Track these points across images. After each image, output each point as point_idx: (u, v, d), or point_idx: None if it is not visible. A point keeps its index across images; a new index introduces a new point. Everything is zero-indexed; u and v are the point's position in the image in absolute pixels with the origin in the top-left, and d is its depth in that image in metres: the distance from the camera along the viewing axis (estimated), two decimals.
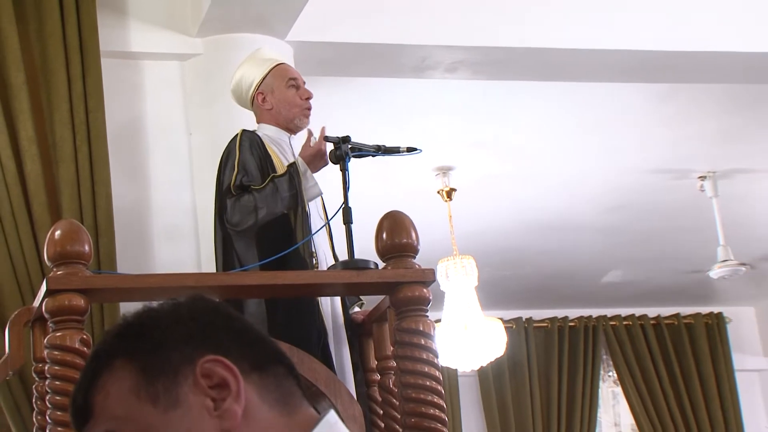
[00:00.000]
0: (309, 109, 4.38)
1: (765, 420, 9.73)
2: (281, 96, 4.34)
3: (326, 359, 4.03)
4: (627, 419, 9.50)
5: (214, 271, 4.48)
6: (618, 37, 5.56)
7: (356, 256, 3.86)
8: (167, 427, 1.24)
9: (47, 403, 3.50)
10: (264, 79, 4.34)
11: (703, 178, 7.60)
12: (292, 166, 4.08)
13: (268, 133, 4.30)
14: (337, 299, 4.22)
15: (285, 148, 4.30)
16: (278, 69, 4.39)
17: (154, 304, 1.33)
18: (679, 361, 9.51)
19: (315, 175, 4.16)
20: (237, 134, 4.24)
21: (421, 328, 3.64)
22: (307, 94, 4.38)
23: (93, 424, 1.28)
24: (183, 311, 1.31)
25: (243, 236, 4.08)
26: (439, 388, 3.64)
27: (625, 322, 9.53)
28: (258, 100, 4.34)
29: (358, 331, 4.21)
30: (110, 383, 1.28)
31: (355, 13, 5.28)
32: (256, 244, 4.08)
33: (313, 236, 4.11)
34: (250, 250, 4.08)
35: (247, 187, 4.08)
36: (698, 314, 9.67)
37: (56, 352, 3.40)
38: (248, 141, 4.19)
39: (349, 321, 4.22)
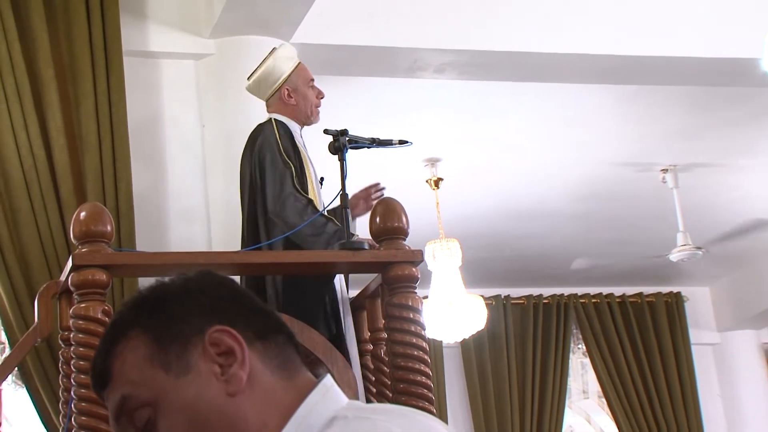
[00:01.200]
0: (319, 107, 4.39)
1: (717, 388, 9.74)
2: (303, 94, 4.33)
3: (338, 327, 4.03)
4: (594, 387, 9.51)
5: (225, 249, 4.48)
6: (590, 43, 5.57)
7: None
8: (178, 391, 1.24)
9: (72, 367, 3.51)
10: (290, 76, 4.32)
11: (665, 171, 7.60)
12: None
13: (285, 122, 4.29)
14: (343, 276, 4.22)
15: (297, 138, 4.28)
16: (300, 68, 4.37)
17: (167, 279, 1.33)
18: (641, 336, 9.51)
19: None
20: (269, 122, 4.21)
21: (410, 304, 3.65)
22: (321, 95, 4.39)
23: (111, 387, 1.28)
24: (193, 286, 1.30)
25: (282, 229, 4.03)
26: (426, 357, 3.65)
27: (593, 300, 9.53)
28: (284, 94, 4.30)
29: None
30: (127, 351, 1.27)
31: (353, 18, 5.28)
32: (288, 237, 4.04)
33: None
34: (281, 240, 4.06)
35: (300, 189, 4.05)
36: (659, 293, 9.68)
37: (80, 322, 3.41)
38: (282, 130, 4.17)
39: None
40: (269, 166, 4.07)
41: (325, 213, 4.03)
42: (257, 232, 4.09)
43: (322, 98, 4.39)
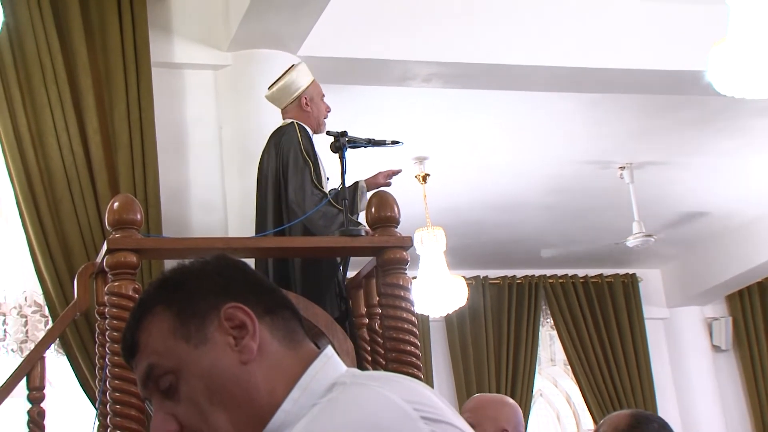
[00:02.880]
0: (326, 119, 4.43)
1: (667, 357, 9.77)
2: (317, 104, 4.37)
3: (344, 303, 4.03)
4: (560, 356, 9.52)
5: (239, 235, 4.48)
6: (557, 56, 5.58)
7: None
8: (197, 360, 1.24)
9: (106, 337, 3.51)
10: (307, 88, 4.34)
11: (622, 168, 7.61)
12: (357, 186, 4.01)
13: (304, 126, 4.28)
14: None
15: (314, 140, 4.29)
16: (315, 83, 4.42)
17: (188, 261, 1.32)
18: (601, 311, 9.54)
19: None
20: (292, 124, 4.20)
21: (401, 283, 3.65)
22: (329, 109, 4.45)
23: (139, 357, 1.28)
24: (210, 268, 1.30)
25: (299, 215, 4.02)
26: (415, 329, 3.65)
27: (560, 281, 9.55)
28: (302, 103, 4.32)
29: None
30: (152, 325, 1.27)
31: (351, 34, 5.28)
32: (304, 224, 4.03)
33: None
34: (299, 229, 4.05)
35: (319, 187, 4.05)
36: (617, 275, 9.70)
37: (114, 298, 3.41)
38: (303, 132, 4.18)
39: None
40: (292, 163, 4.09)
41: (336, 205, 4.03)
42: (281, 217, 4.10)
43: (329, 112, 4.43)
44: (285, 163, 4.10)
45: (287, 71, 4.39)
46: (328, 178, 4.32)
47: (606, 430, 2.38)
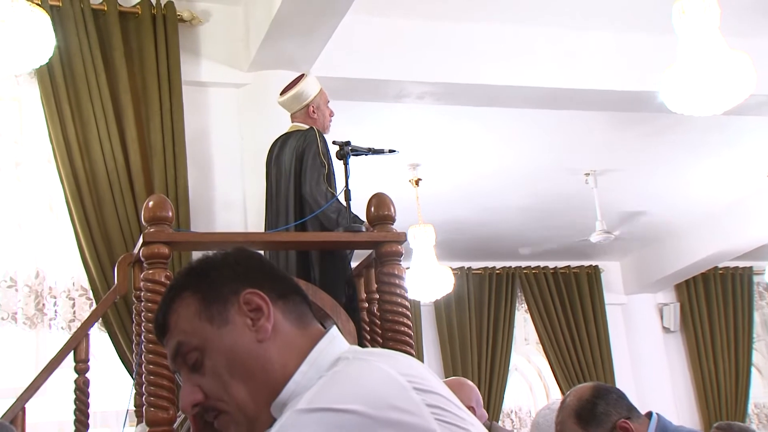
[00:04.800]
0: (331, 122, 4.41)
1: (625, 337, 9.77)
2: (323, 111, 4.34)
3: (351, 290, 4.02)
4: (533, 337, 9.53)
5: (257, 231, 4.46)
6: (533, 78, 5.57)
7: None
8: (220, 338, 1.23)
9: (142, 318, 3.50)
10: (315, 97, 4.32)
11: (587, 174, 7.61)
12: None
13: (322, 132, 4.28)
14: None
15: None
16: (322, 92, 4.38)
17: (212, 253, 1.31)
18: (568, 298, 9.55)
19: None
20: (312, 129, 4.17)
21: (396, 272, 3.64)
22: (332, 113, 4.41)
23: (169, 336, 1.27)
24: (231, 259, 1.30)
25: (313, 209, 4.00)
26: (408, 313, 3.64)
27: (533, 271, 9.55)
28: (309, 111, 4.29)
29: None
30: (180, 308, 1.26)
31: (354, 57, 5.27)
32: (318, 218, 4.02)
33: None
34: (316, 221, 4.03)
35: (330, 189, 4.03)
36: (582, 266, 9.71)
37: (149, 284, 3.39)
38: (321, 138, 4.15)
39: None
40: (311, 162, 4.07)
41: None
42: (303, 209, 4.07)
43: (332, 116, 4.41)
44: (305, 161, 4.09)
45: (298, 81, 4.36)
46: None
47: (571, 399, 2.38)
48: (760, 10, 5.64)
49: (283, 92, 4.36)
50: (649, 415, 2.32)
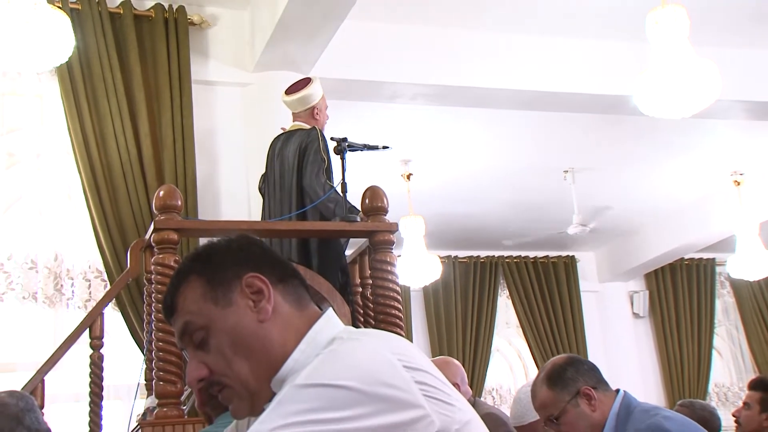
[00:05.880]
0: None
1: (598, 321, 9.78)
2: (324, 115, 4.33)
3: (346, 277, 4.02)
4: (514, 320, 9.54)
5: (260, 219, 4.45)
6: (517, 81, 5.58)
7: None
8: (224, 319, 1.22)
9: (152, 299, 3.49)
10: (319, 101, 4.30)
11: (566, 171, 7.62)
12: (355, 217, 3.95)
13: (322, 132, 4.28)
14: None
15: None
16: (323, 97, 4.37)
17: (216, 239, 1.31)
18: (546, 285, 9.56)
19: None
20: (315, 129, 4.16)
21: (388, 260, 3.64)
22: (328, 117, 4.39)
23: (177, 316, 1.26)
24: (234, 245, 1.28)
25: (313, 200, 4.00)
26: (399, 297, 3.64)
27: (515, 261, 9.56)
28: (313, 112, 4.27)
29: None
30: (187, 291, 1.25)
31: (351, 60, 5.26)
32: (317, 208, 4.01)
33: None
34: (315, 210, 4.02)
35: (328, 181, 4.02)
36: (559, 256, 9.72)
37: (159, 268, 3.38)
38: (322, 136, 4.14)
39: None
40: (312, 157, 4.07)
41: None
42: (304, 200, 4.06)
43: (327, 119, 4.41)
44: (307, 157, 4.09)
45: (306, 85, 4.34)
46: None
47: (547, 366, 2.38)
48: (725, 23, 5.65)
49: (289, 93, 4.34)
50: (617, 392, 2.31)
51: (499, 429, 3.23)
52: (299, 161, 4.12)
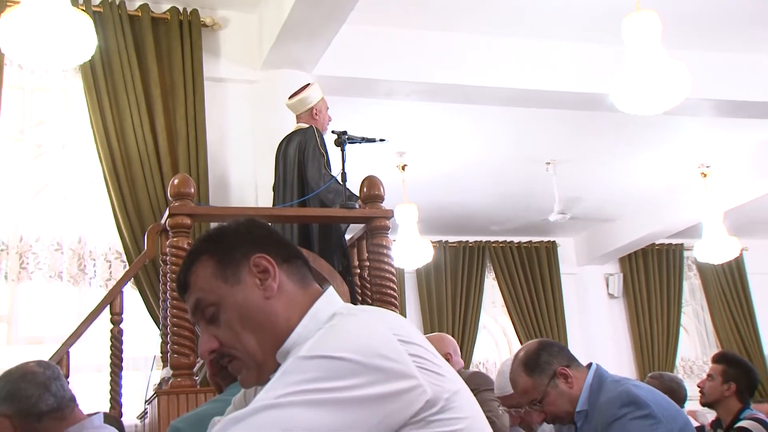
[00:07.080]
0: (328, 125, 4.38)
1: (576, 302, 9.79)
2: (323, 115, 4.32)
3: (346, 260, 4.01)
4: (499, 300, 9.54)
5: (266, 206, 4.45)
6: (504, 79, 5.57)
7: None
8: (233, 295, 1.22)
9: (167, 278, 3.49)
10: (318, 102, 4.29)
11: (548, 163, 7.61)
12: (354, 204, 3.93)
13: (319, 130, 4.25)
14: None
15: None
16: (323, 99, 4.36)
17: (227, 223, 1.30)
18: (530, 268, 9.56)
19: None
20: (312, 127, 4.14)
21: (384, 243, 3.64)
22: (330, 118, 4.39)
23: (189, 293, 1.26)
24: (243, 228, 1.28)
25: (314, 189, 3.99)
26: (394, 278, 3.65)
27: (501, 245, 9.56)
28: (313, 113, 4.27)
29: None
30: (199, 269, 1.25)
31: (351, 59, 5.24)
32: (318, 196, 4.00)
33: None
34: (316, 199, 4.01)
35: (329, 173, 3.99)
36: (542, 241, 9.73)
37: (173, 250, 3.38)
38: (319, 133, 4.14)
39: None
40: (311, 153, 4.07)
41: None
42: (305, 191, 4.06)
43: (330, 121, 4.40)
44: (306, 153, 4.09)
45: (305, 88, 4.34)
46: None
47: (520, 353, 2.41)
48: (694, 27, 5.64)
49: (291, 97, 4.35)
50: (589, 365, 2.34)
51: (486, 380, 3.39)
52: (299, 157, 4.13)
